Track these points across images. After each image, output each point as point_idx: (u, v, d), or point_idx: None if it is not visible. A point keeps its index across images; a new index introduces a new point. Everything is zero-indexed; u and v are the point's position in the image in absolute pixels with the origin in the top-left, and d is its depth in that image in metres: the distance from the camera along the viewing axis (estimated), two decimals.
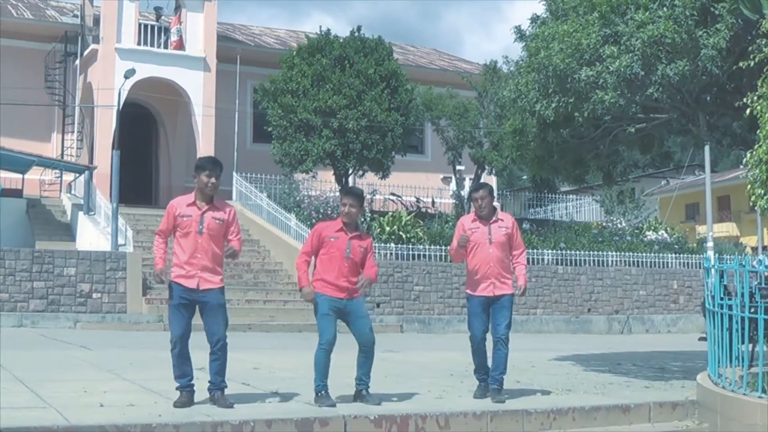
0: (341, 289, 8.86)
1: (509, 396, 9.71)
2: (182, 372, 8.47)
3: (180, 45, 33.17)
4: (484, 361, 9.79)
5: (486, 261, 9.66)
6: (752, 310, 8.89)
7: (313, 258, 9.09)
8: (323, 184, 31.74)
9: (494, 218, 9.85)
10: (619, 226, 35.25)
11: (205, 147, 32.46)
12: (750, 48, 10.36)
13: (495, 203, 10.31)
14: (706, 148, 27.19)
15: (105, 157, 30.16)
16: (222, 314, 8.58)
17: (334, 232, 8.96)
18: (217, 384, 8.53)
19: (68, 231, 29.58)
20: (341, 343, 8.86)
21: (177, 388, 8.48)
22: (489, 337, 9.74)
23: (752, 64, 9.94)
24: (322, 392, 8.70)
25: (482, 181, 33.64)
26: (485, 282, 9.67)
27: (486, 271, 9.66)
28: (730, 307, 9.07)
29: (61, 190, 32.60)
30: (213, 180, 8.61)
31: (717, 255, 27.41)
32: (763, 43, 9.99)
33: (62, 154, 33.46)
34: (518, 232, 10.04)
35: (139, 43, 32.64)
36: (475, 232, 9.75)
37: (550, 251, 29.55)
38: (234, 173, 31.65)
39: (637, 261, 30.71)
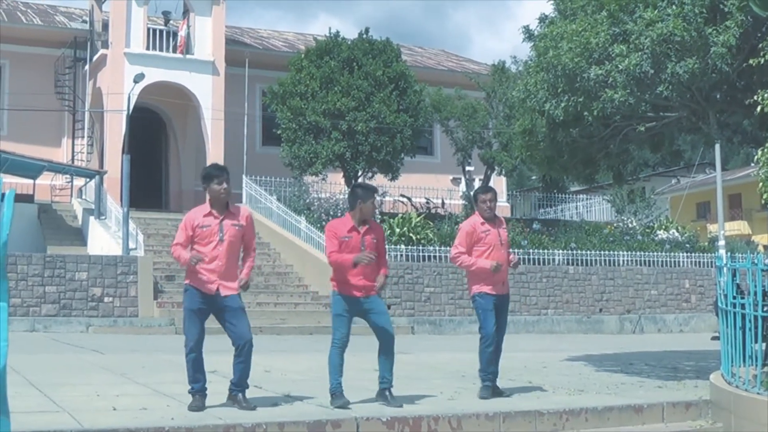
0: (358, 287, 8.89)
1: (522, 396, 9.73)
2: (196, 377, 8.47)
3: (183, 49, 33.19)
4: (493, 360, 9.84)
5: (500, 261, 9.82)
6: (765, 308, 8.85)
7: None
8: (333, 186, 31.75)
9: (497, 220, 10.10)
10: (629, 225, 35.18)
11: (215, 150, 32.53)
12: (760, 45, 10.33)
13: (506, 204, 10.47)
14: (717, 147, 26.94)
15: (115, 162, 30.28)
16: (245, 316, 8.58)
17: (347, 232, 8.96)
18: (241, 386, 8.54)
19: (79, 236, 29.67)
20: (356, 346, 8.87)
21: (190, 392, 8.47)
22: None
23: (762, 61, 9.92)
24: (338, 392, 8.71)
25: (491, 181, 33.67)
26: (498, 282, 9.89)
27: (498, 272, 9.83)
28: (742, 306, 9.03)
29: (71, 195, 32.73)
30: (224, 186, 8.57)
31: (729, 253, 27.23)
32: None
33: (72, 159, 33.58)
34: None
35: (147, 48, 32.73)
36: (488, 234, 9.90)
37: (560, 251, 29.52)
38: (244, 176, 31.68)
39: (649, 260, 30.66)
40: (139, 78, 27.63)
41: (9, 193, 5.11)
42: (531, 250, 28.63)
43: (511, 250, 10.59)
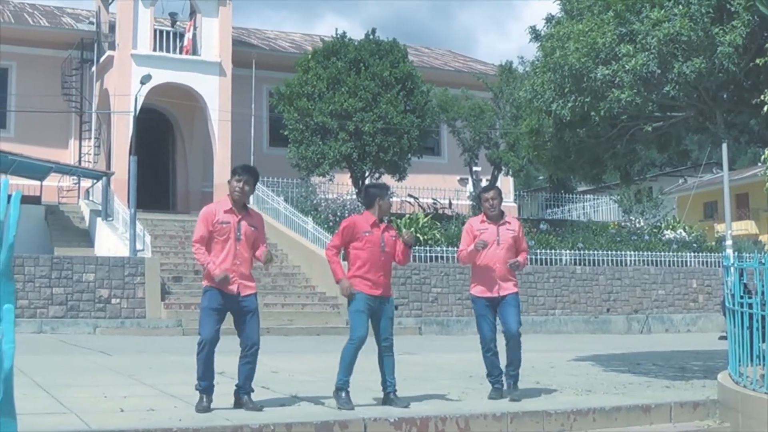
0: (378, 284, 8.90)
1: (529, 396, 9.70)
2: (205, 375, 8.45)
3: (190, 50, 33.26)
4: (497, 363, 9.77)
5: (493, 262, 9.70)
6: None
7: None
8: (340, 187, 31.76)
9: (502, 220, 9.91)
10: (637, 225, 35.16)
11: (222, 152, 32.56)
12: (767, 45, 10.32)
13: (513, 205, 10.36)
14: (724, 146, 27.02)
15: (122, 163, 30.32)
16: (257, 319, 8.62)
17: (369, 227, 9.00)
18: (246, 388, 8.54)
19: (87, 237, 29.70)
20: (365, 347, 8.85)
21: (197, 389, 8.46)
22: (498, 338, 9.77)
23: None
24: (344, 391, 8.70)
25: (498, 182, 33.66)
26: (491, 283, 9.72)
27: (492, 272, 9.72)
28: (750, 306, 9.02)
29: (79, 197, 32.76)
30: (241, 185, 8.58)
31: (736, 253, 27.28)
32: None
33: (80, 161, 33.64)
34: (523, 236, 10.10)
35: (154, 49, 32.78)
36: (484, 233, 9.79)
37: (568, 251, 29.51)
38: None
39: (656, 260, 30.64)
40: (146, 79, 27.66)
41: (15, 195, 5.12)
42: (538, 251, 28.61)
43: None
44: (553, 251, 29.08)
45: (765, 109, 9.60)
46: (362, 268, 8.92)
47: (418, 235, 27.85)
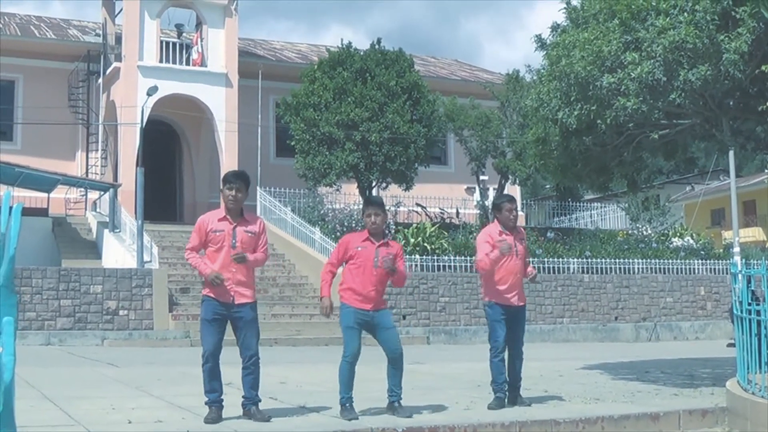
0: (368, 299, 8.86)
1: (538, 405, 9.69)
2: (212, 387, 8.44)
3: (200, 62, 33.38)
4: (503, 370, 9.78)
5: (513, 272, 9.84)
6: None
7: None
8: (347, 197, 31.73)
9: (516, 230, 10.07)
10: (644, 233, 35.07)
11: (229, 162, 32.57)
12: None
13: (521, 213, 10.48)
14: (731, 153, 26.99)
15: (129, 175, 30.33)
16: (255, 329, 8.60)
17: (361, 242, 8.99)
18: (252, 398, 8.53)
19: (94, 249, 29.71)
20: (369, 357, 8.86)
21: (206, 403, 8.45)
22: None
23: None
24: (347, 405, 8.69)
25: (506, 191, 33.59)
26: (511, 292, 9.84)
27: (512, 281, 9.85)
28: (758, 313, 9.01)
29: (86, 209, 32.82)
30: (233, 192, 8.58)
31: (744, 260, 27.22)
32: None
33: (87, 173, 33.66)
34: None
35: (161, 61, 32.83)
36: (503, 243, 9.81)
37: (575, 260, 29.44)
38: (258, 188, 31.76)
39: (664, 268, 30.54)
40: (152, 91, 27.69)
41: (16, 207, 5.14)
42: (546, 259, 28.56)
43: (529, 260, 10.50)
44: (560, 260, 29.03)
45: None
46: (353, 282, 8.92)
47: (426, 244, 27.83)
